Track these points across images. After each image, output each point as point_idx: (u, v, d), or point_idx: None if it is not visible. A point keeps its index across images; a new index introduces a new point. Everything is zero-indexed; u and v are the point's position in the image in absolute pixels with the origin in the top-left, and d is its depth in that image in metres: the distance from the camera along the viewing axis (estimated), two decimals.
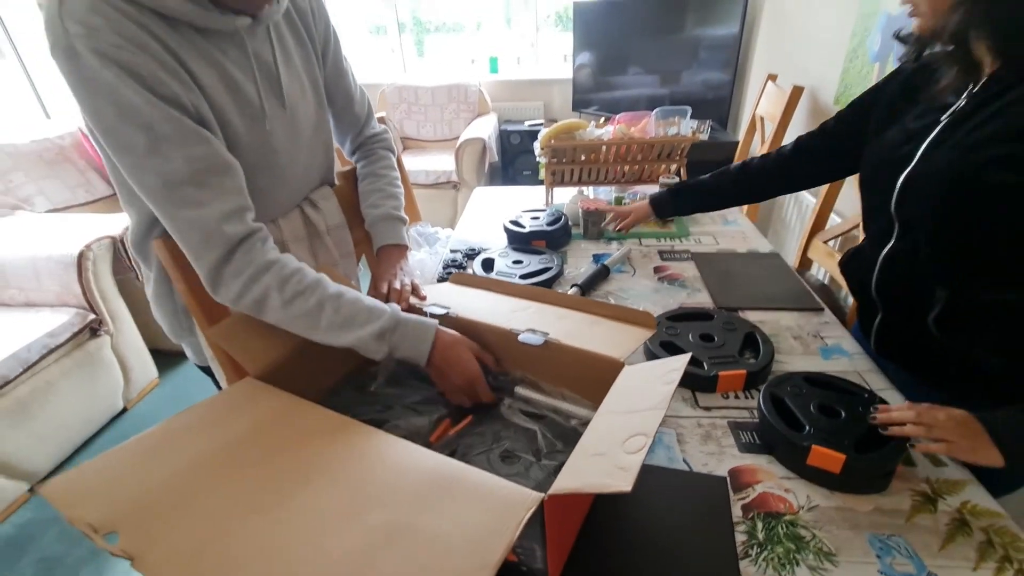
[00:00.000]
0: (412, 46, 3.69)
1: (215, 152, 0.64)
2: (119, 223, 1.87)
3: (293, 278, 0.67)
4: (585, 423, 0.60)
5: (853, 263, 0.90)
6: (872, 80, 1.54)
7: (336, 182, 0.97)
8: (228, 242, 0.64)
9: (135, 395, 1.93)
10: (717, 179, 1.15)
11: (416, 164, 3.10)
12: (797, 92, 1.77)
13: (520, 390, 0.72)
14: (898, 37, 0.77)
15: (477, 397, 0.71)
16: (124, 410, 1.89)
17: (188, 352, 0.93)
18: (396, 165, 1.05)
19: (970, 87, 0.67)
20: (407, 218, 1.01)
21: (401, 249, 0.97)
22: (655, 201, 1.23)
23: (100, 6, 0.55)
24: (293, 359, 0.70)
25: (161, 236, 0.72)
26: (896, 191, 0.73)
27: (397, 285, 0.86)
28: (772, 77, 2.06)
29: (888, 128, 0.80)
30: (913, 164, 0.71)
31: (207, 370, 0.92)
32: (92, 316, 1.71)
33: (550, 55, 3.64)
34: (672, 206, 1.23)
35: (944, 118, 0.69)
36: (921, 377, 0.80)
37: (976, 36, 0.62)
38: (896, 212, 0.74)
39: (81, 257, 1.68)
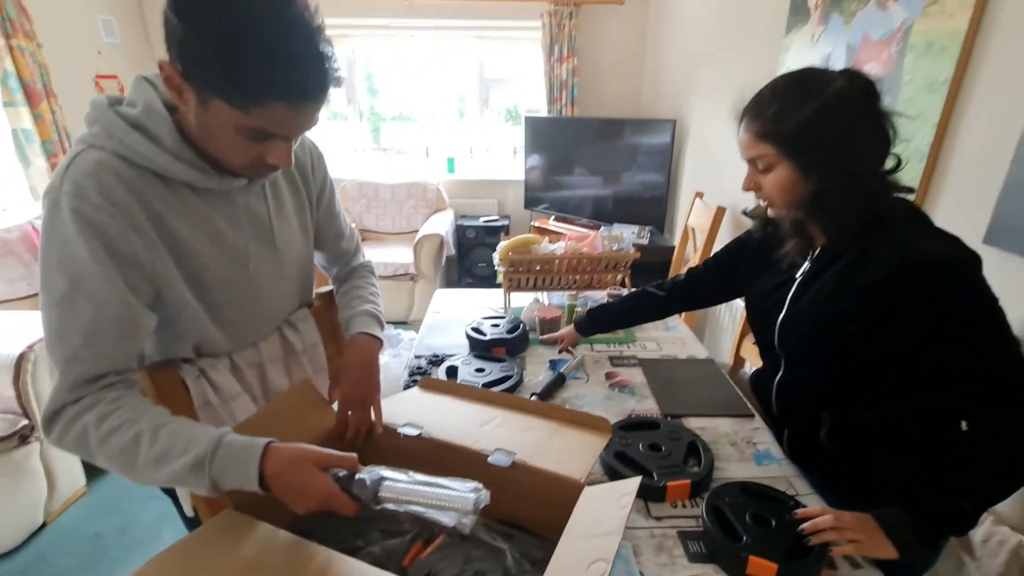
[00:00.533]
0: (368, 133, 3.93)
1: (127, 317, 0.66)
2: None
3: (113, 414, 0.63)
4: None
5: (759, 385, 1.06)
6: None
7: (314, 303, 1.04)
8: (69, 398, 0.64)
9: (58, 506, 1.77)
10: (628, 301, 1.33)
11: (374, 256, 3.20)
12: (720, 212, 2.05)
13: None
14: (746, 213, 1.00)
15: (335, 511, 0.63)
16: (43, 525, 1.72)
17: None
18: (378, 286, 1.10)
19: (810, 253, 0.87)
20: (384, 322, 1.03)
21: (374, 342, 0.95)
22: (577, 325, 1.37)
23: (99, 169, 0.63)
24: None
25: (146, 368, 0.76)
26: (776, 332, 0.90)
27: (359, 415, 0.85)
28: (699, 194, 2.36)
29: (756, 277, 1.01)
30: (784, 312, 0.89)
31: (169, 491, 0.91)
32: (24, 422, 1.61)
33: (501, 148, 3.96)
34: (590, 327, 1.36)
35: (798, 275, 0.88)
36: (827, 485, 0.92)
37: (812, 225, 0.82)
38: (780, 348, 0.91)
39: (21, 359, 1.61)
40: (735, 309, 2.10)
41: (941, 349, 0.72)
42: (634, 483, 0.65)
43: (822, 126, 0.74)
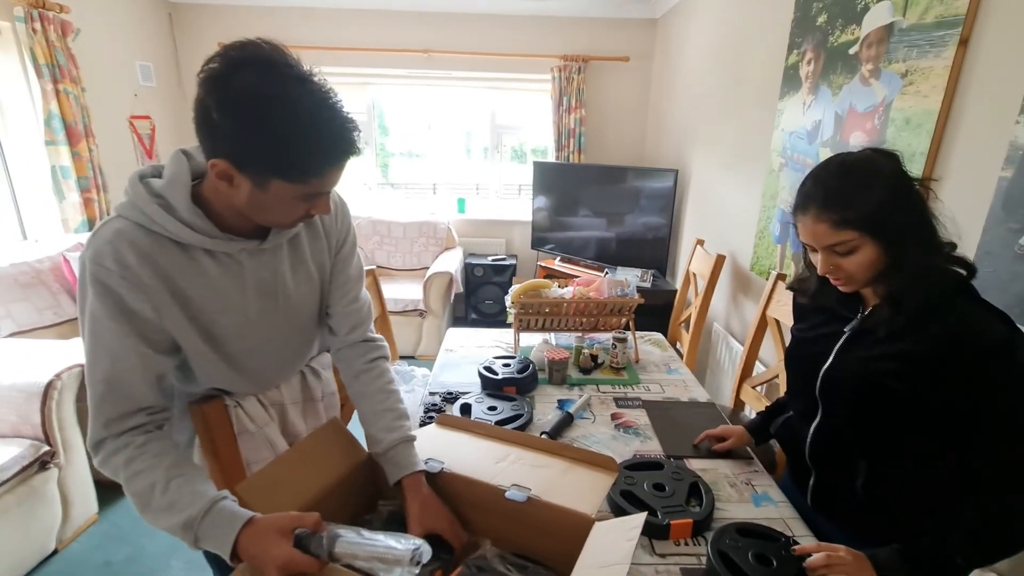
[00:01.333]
0: (376, 168, 4.09)
1: (142, 366, 0.74)
2: None
3: (139, 458, 0.73)
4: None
5: (785, 432, 1.09)
6: (777, 257, 1.91)
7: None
8: (103, 434, 0.74)
9: (70, 534, 1.80)
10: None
11: (385, 292, 3.28)
12: (720, 259, 2.14)
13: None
14: (792, 288, 1.03)
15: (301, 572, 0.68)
16: (55, 551, 1.75)
17: None
18: (395, 378, 1.06)
19: (861, 309, 0.91)
20: (416, 436, 0.98)
21: (419, 476, 0.91)
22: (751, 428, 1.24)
23: (116, 237, 0.72)
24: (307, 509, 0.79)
25: (197, 402, 0.84)
26: (819, 381, 0.93)
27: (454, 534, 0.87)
28: (700, 242, 2.47)
29: (800, 322, 1.04)
30: (829, 362, 0.92)
31: None
32: (46, 448, 1.67)
33: (509, 187, 4.12)
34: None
35: (846, 330, 0.91)
36: (853, 533, 0.94)
37: (904, 295, 0.82)
38: (820, 397, 0.94)
39: (49, 387, 1.67)
40: (735, 353, 2.17)
41: (975, 423, 0.76)
42: (640, 518, 0.71)
43: (897, 201, 0.78)
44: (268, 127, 0.65)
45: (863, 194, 0.79)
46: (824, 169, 0.85)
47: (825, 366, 0.93)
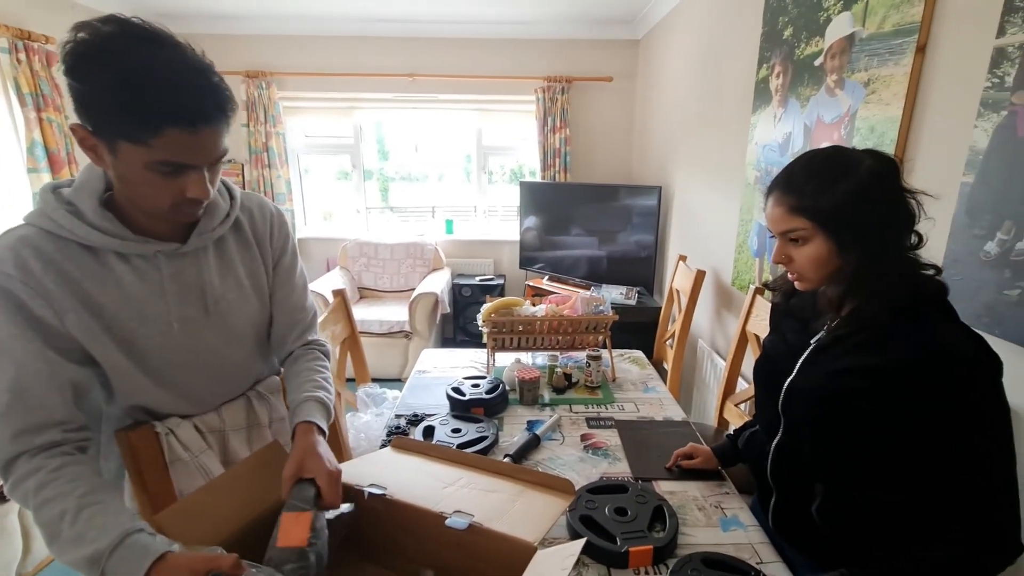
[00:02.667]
0: (376, 192, 4.10)
1: (50, 372, 0.71)
2: None
3: (50, 484, 0.67)
4: None
5: (751, 445, 1.04)
6: (756, 271, 1.88)
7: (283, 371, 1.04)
8: (15, 451, 0.68)
9: (31, 568, 1.73)
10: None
11: (371, 314, 3.27)
12: (701, 275, 2.11)
13: None
14: (767, 286, 1.01)
15: None
16: None
17: None
18: (330, 372, 1.03)
19: (828, 322, 0.85)
20: (332, 412, 0.96)
21: (313, 429, 0.87)
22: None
23: (19, 244, 0.71)
24: (234, 548, 0.74)
25: (124, 429, 0.80)
26: (782, 395, 0.89)
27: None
28: (683, 257, 2.44)
29: (772, 334, 1.00)
30: (793, 375, 0.88)
31: None
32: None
33: (505, 207, 4.12)
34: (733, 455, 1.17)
35: (812, 342, 0.87)
36: (810, 558, 0.90)
37: (848, 299, 0.79)
38: (782, 412, 0.89)
39: None
40: (719, 370, 2.12)
41: (940, 444, 0.72)
42: (579, 544, 0.66)
43: (858, 203, 0.75)
44: (102, 80, 0.64)
45: (824, 186, 0.77)
46: (805, 157, 0.83)
47: (788, 379, 0.89)
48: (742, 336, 1.74)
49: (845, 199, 0.75)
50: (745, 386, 1.79)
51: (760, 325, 1.64)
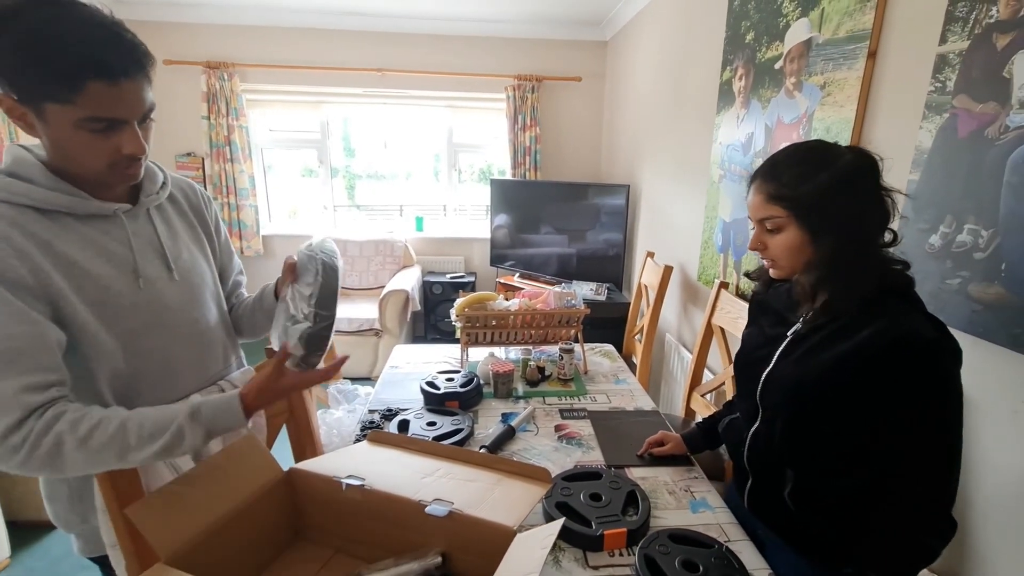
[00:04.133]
0: (343, 190, 4.03)
1: (37, 332, 0.70)
2: None
3: (85, 418, 0.70)
4: None
5: (730, 431, 1.08)
6: (720, 266, 1.95)
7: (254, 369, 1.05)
8: (22, 409, 0.67)
9: None
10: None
11: (340, 311, 3.19)
12: (668, 271, 2.17)
13: None
14: (748, 275, 1.04)
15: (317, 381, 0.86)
16: None
17: (78, 544, 0.90)
18: None
19: (804, 313, 0.88)
20: None
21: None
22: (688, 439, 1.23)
23: None
24: (209, 541, 0.73)
25: None
26: (760, 384, 0.92)
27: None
28: (651, 254, 2.50)
29: (751, 326, 1.04)
30: (771, 366, 0.91)
31: (101, 560, 0.89)
32: None
33: (474, 205, 4.12)
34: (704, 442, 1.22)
35: (789, 333, 0.90)
36: (784, 540, 0.94)
37: (819, 290, 0.83)
38: (760, 400, 0.92)
39: None
40: (686, 363, 2.19)
41: (893, 425, 0.76)
42: (556, 524, 0.68)
43: (834, 194, 0.78)
44: (22, 44, 0.65)
45: (802, 175, 0.80)
46: (788, 148, 0.86)
47: (767, 370, 0.92)
48: (708, 329, 1.80)
49: (822, 190, 0.79)
50: (711, 377, 1.86)
51: (725, 318, 1.71)
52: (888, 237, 0.82)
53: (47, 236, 0.73)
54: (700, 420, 1.24)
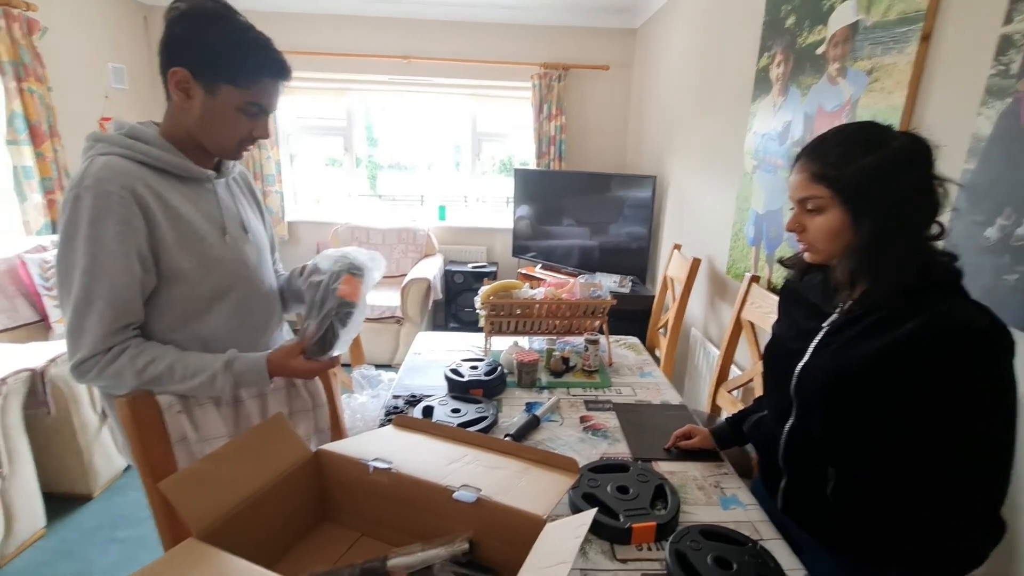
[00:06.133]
0: (365, 180, 4.05)
1: (134, 281, 0.84)
2: (41, 354, 1.81)
3: (142, 354, 0.85)
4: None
5: (758, 431, 1.04)
6: (752, 259, 1.90)
7: None
8: (100, 345, 0.82)
9: (13, 549, 1.69)
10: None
11: None
12: (696, 263, 2.13)
13: (392, 561, 0.74)
14: (782, 262, 1.00)
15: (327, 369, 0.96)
16: None
17: None
18: None
19: (841, 304, 0.84)
20: None
21: None
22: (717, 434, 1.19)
23: (109, 164, 0.82)
24: (239, 519, 0.73)
25: (125, 396, 0.78)
26: (794, 379, 0.88)
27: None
28: (677, 246, 2.45)
29: (782, 318, 1.00)
30: (806, 359, 0.86)
31: None
32: None
33: (493, 198, 4.09)
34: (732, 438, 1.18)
35: (825, 325, 0.86)
36: (821, 540, 0.90)
37: (858, 277, 0.80)
38: (795, 396, 0.88)
39: None
40: (712, 358, 2.14)
41: (942, 420, 0.72)
42: (589, 514, 0.66)
43: (881, 178, 0.74)
44: (219, 36, 0.83)
45: (849, 156, 0.76)
46: (838, 127, 0.82)
47: (801, 363, 0.88)
48: (736, 324, 1.76)
49: (868, 172, 0.75)
50: (738, 373, 1.81)
51: (756, 313, 1.66)
52: (935, 230, 0.77)
53: (160, 190, 0.86)
54: (729, 415, 1.21)
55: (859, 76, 1.33)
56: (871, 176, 0.75)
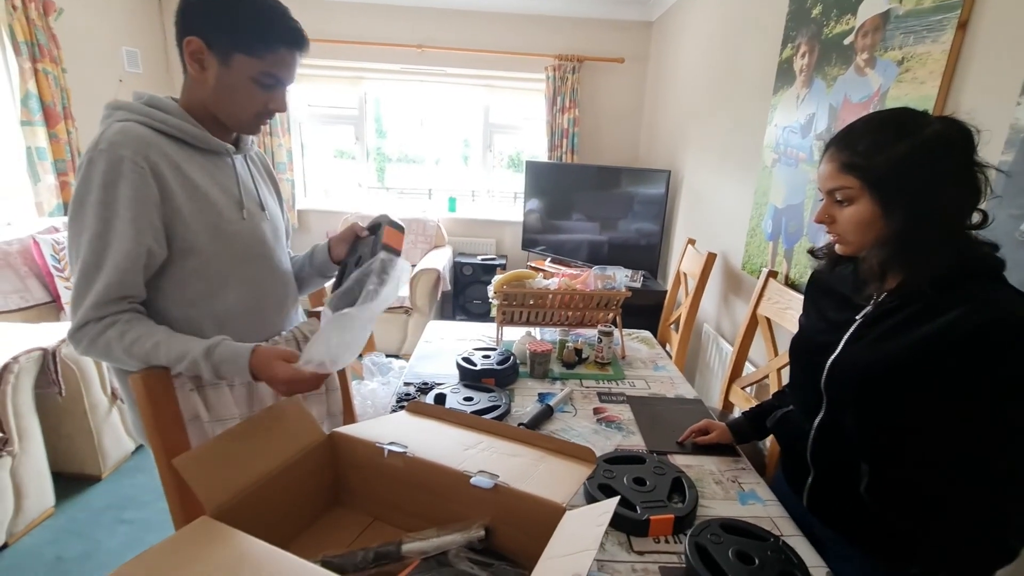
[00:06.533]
0: (373, 172, 4.03)
1: (140, 253, 0.80)
2: (52, 334, 1.81)
3: (132, 330, 0.81)
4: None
5: (783, 427, 1.01)
6: (769, 254, 1.86)
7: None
8: (92, 315, 0.79)
9: (22, 527, 1.70)
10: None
11: None
12: (711, 257, 2.10)
13: (407, 546, 0.74)
14: (812, 253, 0.97)
15: (304, 389, 0.85)
16: (4, 545, 1.65)
17: None
18: None
19: (875, 296, 0.82)
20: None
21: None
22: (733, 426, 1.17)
23: (126, 129, 0.80)
24: (252, 498, 0.72)
25: (139, 372, 0.77)
26: (825, 373, 0.84)
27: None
28: (691, 241, 2.42)
29: (810, 310, 0.97)
30: (837, 352, 0.83)
31: None
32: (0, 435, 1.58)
33: (502, 193, 4.07)
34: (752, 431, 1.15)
35: (858, 318, 0.83)
36: (850, 539, 0.86)
37: (890, 269, 0.77)
38: (825, 390, 0.85)
39: (4, 370, 1.59)
40: (725, 355, 2.11)
41: (982, 414, 0.70)
42: (612, 503, 0.65)
43: (914, 166, 0.71)
44: (233, 4, 0.81)
45: (879, 144, 0.73)
46: (870, 114, 0.79)
47: (832, 357, 0.84)
48: (752, 319, 1.73)
49: (899, 161, 0.72)
50: (752, 370, 1.78)
51: (773, 309, 1.63)
52: (976, 218, 0.74)
53: (178, 160, 0.84)
54: (746, 409, 1.18)
55: (889, 66, 1.29)
56: (902, 165, 0.72)
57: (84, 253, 0.78)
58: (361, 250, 1.02)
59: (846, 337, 0.84)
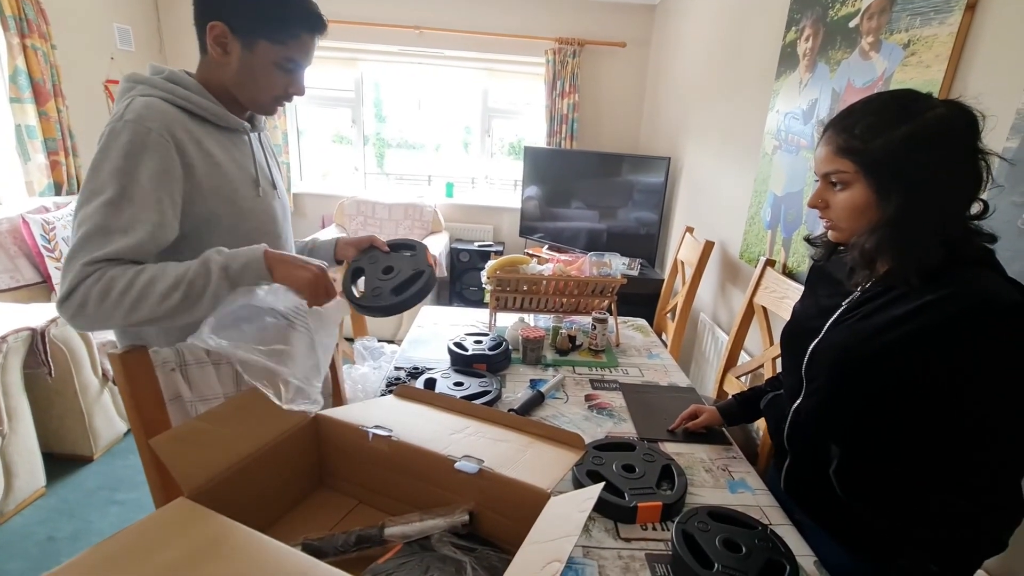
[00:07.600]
0: (372, 158, 3.99)
1: (158, 223, 0.78)
2: (42, 314, 1.79)
3: (124, 273, 0.75)
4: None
5: (772, 408, 1.00)
6: (767, 243, 1.84)
7: None
8: (95, 268, 0.73)
9: (13, 507, 1.70)
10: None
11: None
12: (709, 246, 2.07)
13: (389, 530, 0.73)
14: (808, 240, 0.95)
15: (328, 293, 0.83)
16: None
17: None
18: None
19: (862, 281, 0.81)
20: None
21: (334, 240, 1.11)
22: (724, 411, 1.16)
23: (151, 103, 0.80)
24: (232, 480, 0.71)
25: (117, 352, 0.75)
26: (807, 356, 0.85)
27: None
28: (690, 229, 2.40)
29: (806, 297, 0.96)
30: (820, 337, 0.83)
31: None
32: None
33: (502, 180, 4.03)
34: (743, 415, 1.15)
35: (844, 303, 0.83)
36: (818, 521, 0.87)
37: (879, 256, 0.75)
38: (805, 374, 0.86)
39: None
40: (720, 344, 2.10)
41: (962, 398, 0.69)
42: (596, 488, 0.63)
43: (912, 151, 0.68)
44: None
45: (877, 127, 0.71)
46: (870, 96, 0.76)
47: (815, 341, 0.84)
48: (748, 308, 1.71)
49: (896, 145, 0.69)
50: (748, 359, 1.77)
51: (769, 298, 1.61)
52: (976, 208, 0.72)
53: (199, 135, 0.85)
54: (738, 392, 1.17)
55: (894, 50, 1.26)
56: (899, 150, 0.69)
57: (97, 216, 0.74)
58: (393, 262, 0.99)
59: (829, 322, 0.83)
